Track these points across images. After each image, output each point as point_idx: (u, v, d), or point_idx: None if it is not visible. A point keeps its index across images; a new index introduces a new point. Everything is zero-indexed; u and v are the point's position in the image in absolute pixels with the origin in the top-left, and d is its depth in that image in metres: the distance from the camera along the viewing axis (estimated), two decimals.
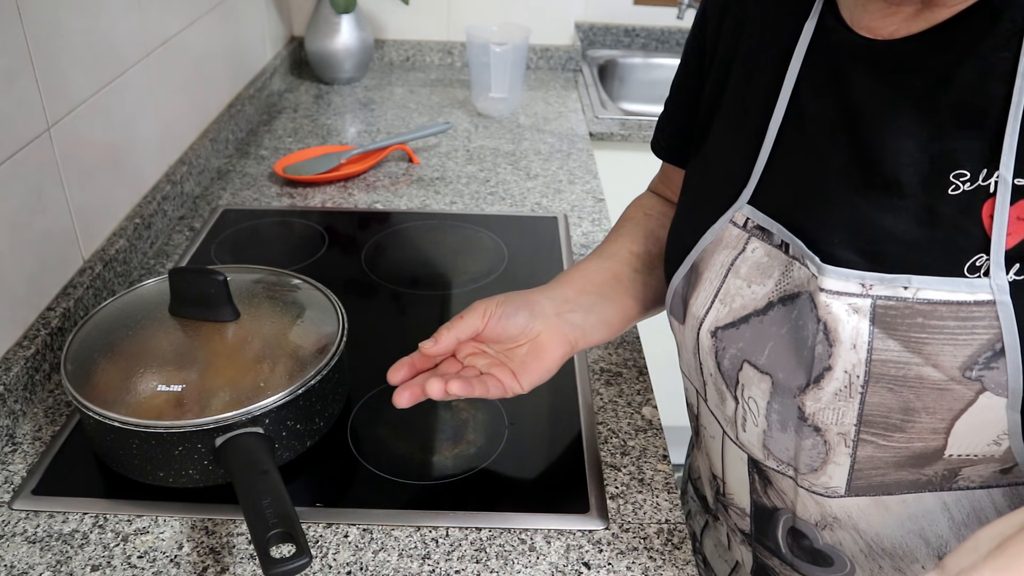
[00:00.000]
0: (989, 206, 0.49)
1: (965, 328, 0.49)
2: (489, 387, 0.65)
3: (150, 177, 1.15)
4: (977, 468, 0.54)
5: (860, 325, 0.52)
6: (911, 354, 0.51)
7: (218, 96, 1.41)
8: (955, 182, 0.50)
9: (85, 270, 0.95)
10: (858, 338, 0.52)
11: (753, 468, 0.64)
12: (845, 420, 0.55)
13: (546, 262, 1.09)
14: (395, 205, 1.25)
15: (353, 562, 0.67)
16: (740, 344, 0.60)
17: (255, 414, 0.69)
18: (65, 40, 0.90)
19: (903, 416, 0.53)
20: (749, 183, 0.61)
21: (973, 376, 0.50)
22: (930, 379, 0.51)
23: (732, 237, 0.62)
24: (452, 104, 1.69)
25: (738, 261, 0.61)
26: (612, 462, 0.77)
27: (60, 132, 0.90)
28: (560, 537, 0.69)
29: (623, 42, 2.06)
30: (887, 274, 0.52)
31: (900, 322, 0.51)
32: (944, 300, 0.50)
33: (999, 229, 0.48)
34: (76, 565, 0.66)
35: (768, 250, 0.59)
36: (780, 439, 0.59)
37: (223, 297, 0.76)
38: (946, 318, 0.50)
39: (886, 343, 0.51)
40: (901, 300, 0.51)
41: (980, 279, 0.49)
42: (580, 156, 1.46)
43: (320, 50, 1.72)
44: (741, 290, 0.60)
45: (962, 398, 0.50)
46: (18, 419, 0.80)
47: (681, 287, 0.66)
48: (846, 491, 0.58)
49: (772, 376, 0.58)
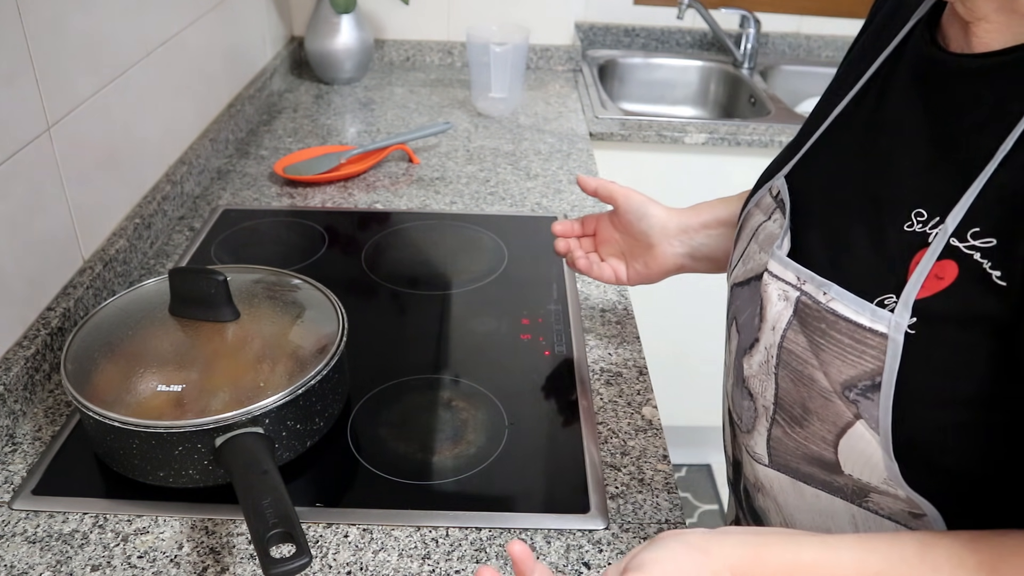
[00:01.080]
0: (920, 255, 0.49)
1: (855, 350, 0.51)
2: (604, 271, 0.88)
3: (150, 177, 1.15)
4: (884, 498, 0.54)
5: (784, 312, 0.56)
6: (811, 354, 0.54)
7: (218, 96, 1.41)
8: (912, 219, 0.50)
9: (85, 270, 0.95)
10: (778, 322, 0.56)
11: (729, 418, 0.68)
12: (767, 395, 0.58)
13: (546, 262, 1.09)
14: (395, 205, 1.25)
15: (353, 562, 0.67)
16: (738, 303, 0.65)
17: (255, 414, 0.69)
18: (65, 40, 0.90)
19: (802, 412, 0.55)
20: (792, 160, 0.64)
21: (851, 397, 0.51)
22: (819, 384, 0.53)
23: (766, 204, 0.65)
24: (452, 104, 1.69)
25: (761, 227, 0.64)
26: (612, 462, 0.77)
27: (60, 132, 0.90)
28: (560, 537, 0.69)
29: (623, 42, 2.06)
30: (818, 275, 0.54)
31: (811, 322, 0.54)
32: (847, 316, 0.51)
33: (916, 278, 0.48)
34: (76, 565, 0.66)
35: (782, 223, 0.61)
36: (736, 394, 0.64)
37: (223, 297, 0.76)
38: (843, 333, 0.51)
39: (797, 336, 0.55)
40: (816, 302, 0.54)
41: (883, 311, 0.50)
42: (580, 156, 1.46)
43: (320, 50, 1.72)
44: (755, 254, 0.63)
45: (842, 415, 0.52)
46: (18, 419, 0.80)
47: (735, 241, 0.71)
48: (768, 462, 0.61)
49: (740, 335, 0.63)
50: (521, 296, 1.02)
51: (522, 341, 0.93)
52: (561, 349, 0.92)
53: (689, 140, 1.64)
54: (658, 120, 1.67)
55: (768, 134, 1.63)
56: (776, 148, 1.60)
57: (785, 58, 2.08)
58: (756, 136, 1.63)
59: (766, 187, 0.66)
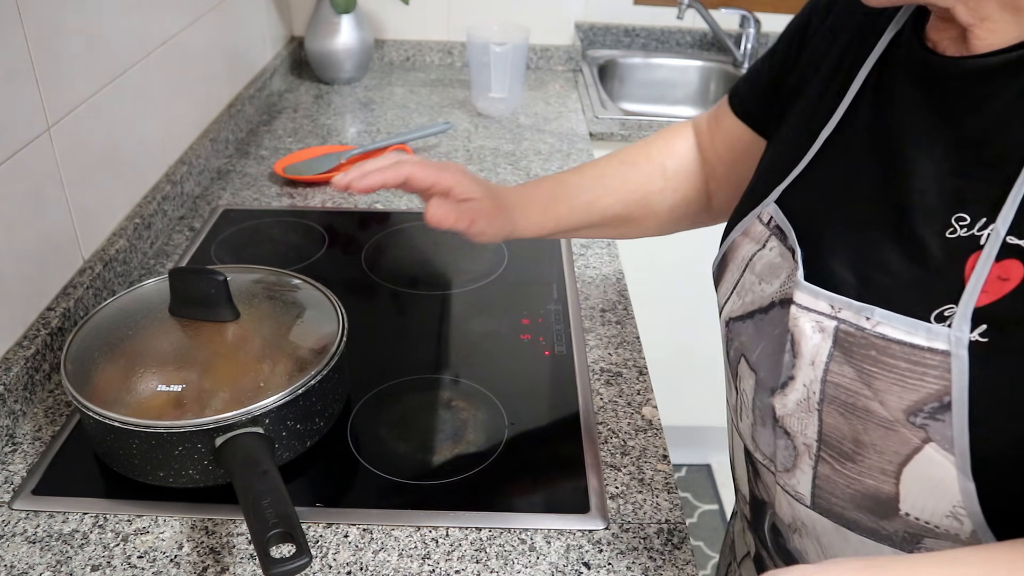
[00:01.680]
0: (974, 258, 0.47)
1: (915, 373, 0.48)
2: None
3: (150, 177, 1.15)
4: (939, 542, 0.52)
5: (822, 344, 0.53)
6: (862, 385, 0.51)
7: (218, 96, 1.41)
8: (954, 224, 0.48)
9: (85, 270, 0.95)
10: (817, 356, 0.53)
11: (748, 458, 0.65)
12: (808, 432, 0.55)
13: (546, 262, 1.09)
14: (395, 205, 1.25)
15: (353, 562, 0.67)
16: (743, 338, 0.61)
17: (255, 414, 0.69)
18: (65, 40, 0.90)
19: (854, 446, 0.52)
20: (783, 182, 0.62)
21: (917, 423, 0.48)
22: (877, 415, 0.50)
23: (756, 232, 0.63)
24: (452, 104, 1.69)
25: (756, 257, 0.62)
26: (612, 462, 0.77)
27: (60, 132, 0.90)
28: (560, 537, 0.69)
29: (623, 42, 2.06)
30: (856, 301, 0.51)
31: (857, 351, 0.51)
32: (899, 339, 0.49)
33: (975, 283, 0.46)
34: (76, 565, 0.66)
35: (782, 251, 0.59)
36: (762, 434, 0.60)
37: (223, 297, 0.76)
38: (899, 357, 0.49)
39: (842, 368, 0.51)
40: (860, 329, 0.51)
41: (939, 327, 0.47)
42: (580, 156, 1.46)
43: (320, 50, 1.72)
44: (753, 286, 0.61)
45: (907, 443, 0.49)
46: (18, 419, 0.80)
47: (716, 271, 0.69)
48: (811, 503, 0.58)
49: (757, 374, 0.59)
50: (521, 296, 1.02)
51: (522, 341, 0.93)
52: (561, 349, 0.92)
53: None
54: (658, 120, 1.67)
55: None
56: None
57: None
58: None
59: (753, 214, 0.63)
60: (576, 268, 1.09)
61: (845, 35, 0.63)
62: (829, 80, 0.63)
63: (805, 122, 0.63)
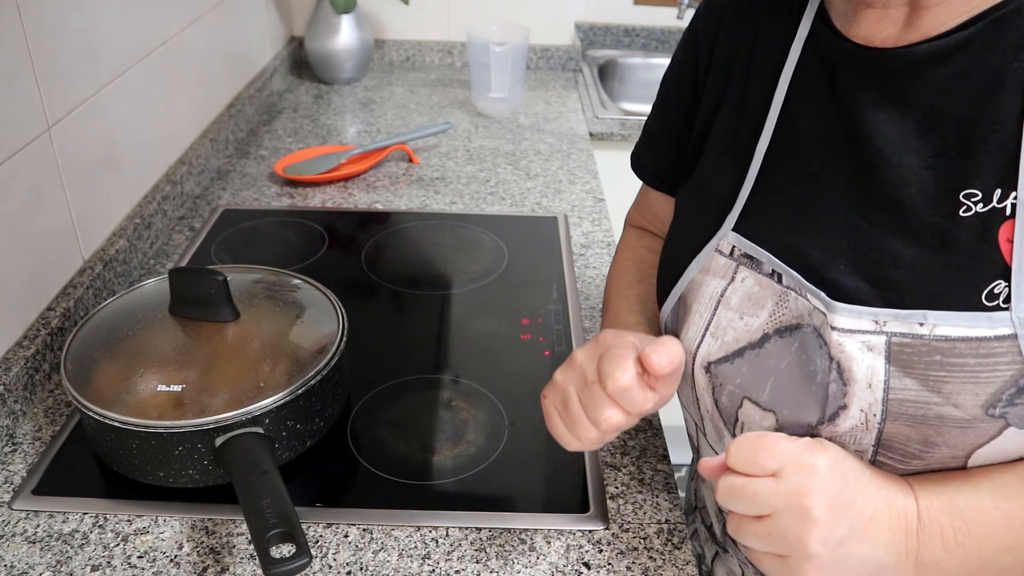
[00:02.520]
0: (1007, 229, 0.46)
1: (987, 365, 0.46)
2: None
3: (150, 177, 1.15)
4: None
5: (875, 364, 0.49)
6: (930, 393, 0.48)
7: (218, 96, 1.41)
8: (966, 203, 0.47)
9: (85, 270, 0.95)
10: (874, 377, 0.50)
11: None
12: (863, 442, 0.52)
13: (546, 262, 1.09)
14: (395, 205, 1.25)
15: (353, 562, 0.67)
16: (738, 380, 0.57)
17: (255, 414, 0.69)
18: (65, 40, 0.90)
19: (922, 447, 0.50)
20: (734, 209, 0.58)
21: (996, 414, 0.47)
22: (951, 418, 0.48)
23: (720, 266, 0.59)
24: (452, 104, 1.69)
25: (728, 292, 0.58)
26: (612, 462, 0.77)
27: (60, 132, 0.90)
28: (560, 537, 0.69)
29: (623, 42, 2.06)
30: (902, 310, 0.49)
31: (917, 360, 0.48)
32: (963, 336, 0.47)
33: (1020, 254, 0.45)
34: (76, 565, 0.66)
35: (758, 279, 0.56)
36: None
37: (223, 297, 0.76)
38: (966, 355, 0.47)
39: (903, 382, 0.49)
40: (917, 337, 0.48)
41: (1000, 312, 0.46)
42: (580, 156, 1.46)
43: (320, 50, 1.72)
44: (733, 322, 0.57)
45: (985, 434, 0.48)
46: (18, 419, 0.80)
47: (670, 320, 0.64)
48: None
49: (776, 413, 0.55)
50: (521, 296, 1.02)
51: (522, 341, 0.93)
52: (561, 349, 0.92)
53: None
54: None
55: None
56: None
57: None
58: None
59: (708, 249, 0.59)
60: (576, 268, 1.09)
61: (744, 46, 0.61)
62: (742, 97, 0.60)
63: (730, 146, 0.60)
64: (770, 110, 0.57)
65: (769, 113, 0.57)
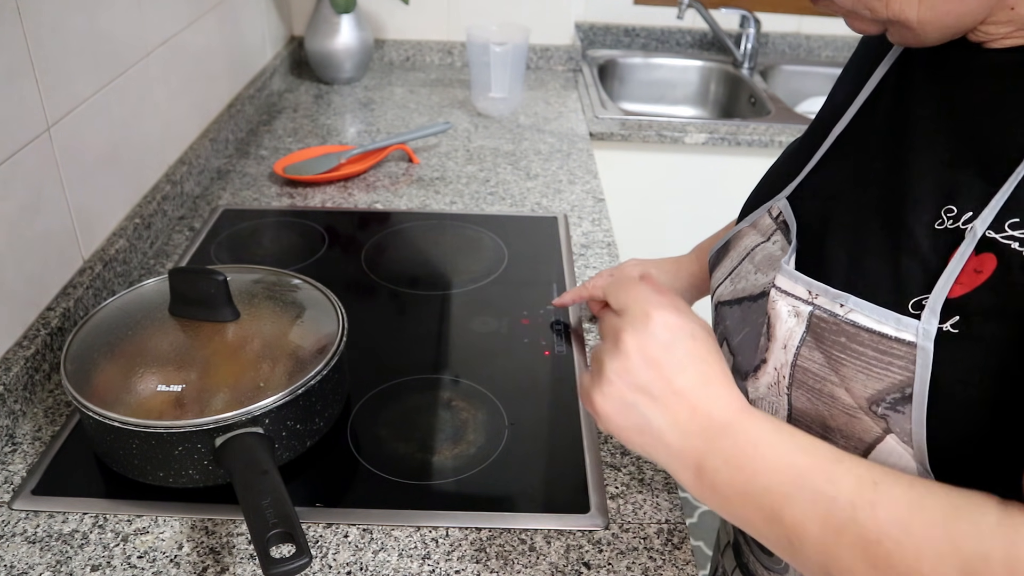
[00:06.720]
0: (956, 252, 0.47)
1: (881, 362, 0.48)
2: None
3: (150, 177, 1.15)
4: None
5: (796, 328, 0.53)
6: (830, 371, 0.51)
7: (218, 96, 1.41)
8: (943, 216, 0.49)
9: (85, 270, 0.95)
10: (790, 340, 0.54)
11: None
12: (779, 415, 0.56)
13: (546, 262, 1.09)
14: (395, 205, 1.25)
15: (353, 562, 0.67)
16: (728, 323, 0.63)
17: (255, 414, 0.69)
18: (65, 40, 0.90)
19: (822, 431, 0.53)
20: (796, 180, 0.62)
21: (879, 412, 0.49)
22: (842, 401, 0.51)
23: (764, 225, 0.64)
24: (452, 104, 1.69)
25: (758, 248, 0.63)
26: (612, 462, 0.77)
27: (60, 132, 0.90)
28: (560, 537, 0.69)
29: (623, 42, 2.07)
30: (832, 288, 0.52)
31: (827, 336, 0.51)
32: (869, 327, 0.49)
33: (948, 275, 0.47)
34: (76, 565, 0.66)
35: (783, 245, 0.60)
36: None
37: (223, 297, 0.76)
38: (866, 345, 0.49)
39: (812, 353, 0.52)
40: (832, 315, 0.51)
41: (910, 319, 0.47)
42: (580, 156, 1.46)
43: (320, 50, 1.72)
44: (749, 275, 0.62)
45: (870, 431, 0.50)
46: (18, 419, 0.80)
47: (714, 257, 0.69)
48: None
49: (735, 357, 0.61)
50: (521, 296, 1.02)
51: (522, 341, 0.93)
52: (561, 349, 0.92)
53: (689, 140, 1.64)
54: (658, 120, 1.67)
55: (768, 134, 1.63)
56: (776, 148, 1.60)
57: (785, 58, 2.08)
58: (756, 136, 1.63)
59: (764, 208, 0.65)
60: (576, 268, 1.09)
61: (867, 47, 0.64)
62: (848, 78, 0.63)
63: (823, 124, 0.64)
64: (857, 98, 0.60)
65: (855, 100, 0.60)
